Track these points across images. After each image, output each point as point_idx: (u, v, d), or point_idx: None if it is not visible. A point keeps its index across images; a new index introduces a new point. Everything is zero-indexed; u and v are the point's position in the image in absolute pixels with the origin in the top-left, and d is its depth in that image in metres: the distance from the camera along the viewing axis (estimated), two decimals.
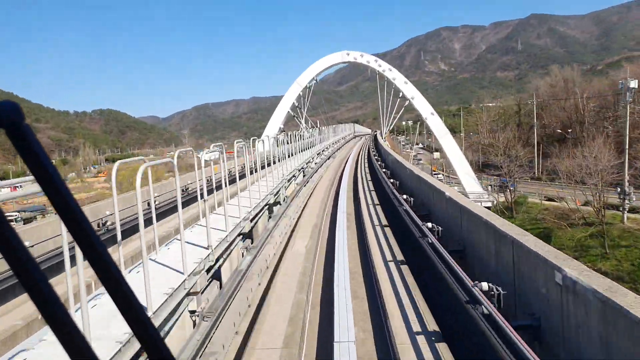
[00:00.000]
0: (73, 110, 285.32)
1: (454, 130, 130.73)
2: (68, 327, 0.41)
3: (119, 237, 4.51)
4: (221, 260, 6.29)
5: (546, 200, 44.24)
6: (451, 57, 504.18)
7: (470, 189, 47.95)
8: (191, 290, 4.72)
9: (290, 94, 62.87)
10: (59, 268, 8.07)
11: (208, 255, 5.49)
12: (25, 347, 3.48)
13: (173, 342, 4.47)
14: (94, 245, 0.44)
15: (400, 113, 66.45)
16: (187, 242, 5.47)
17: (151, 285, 3.90)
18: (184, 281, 4.65)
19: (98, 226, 12.48)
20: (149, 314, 3.83)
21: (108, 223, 12.22)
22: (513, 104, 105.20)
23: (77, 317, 3.21)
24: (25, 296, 8.19)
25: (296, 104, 63.02)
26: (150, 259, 5.14)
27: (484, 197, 45.71)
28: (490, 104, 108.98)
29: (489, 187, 52.01)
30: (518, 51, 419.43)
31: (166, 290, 4.34)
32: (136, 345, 3.43)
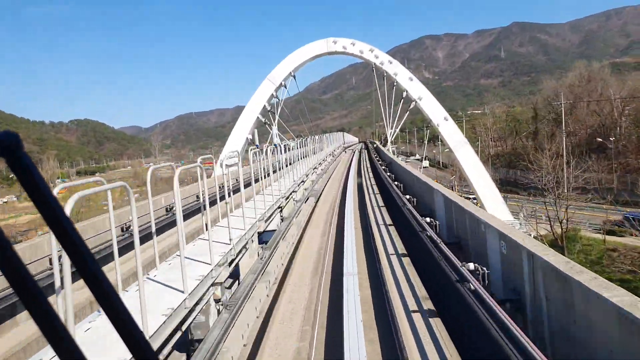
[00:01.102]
0: (49, 120, 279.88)
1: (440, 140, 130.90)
2: (69, 346, 0.42)
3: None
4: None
5: (599, 231, 34.23)
6: (435, 66, 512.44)
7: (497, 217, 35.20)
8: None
9: (259, 94, 47.47)
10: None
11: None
12: None
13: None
14: (92, 269, 0.46)
15: (404, 118, 52.33)
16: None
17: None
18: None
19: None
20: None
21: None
22: (518, 108, 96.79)
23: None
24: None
25: (268, 108, 47.80)
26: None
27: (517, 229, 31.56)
28: (496, 109, 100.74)
29: (522, 213, 39.80)
30: (501, 59, 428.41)
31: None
32: None
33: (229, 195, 7.91)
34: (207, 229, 6.15)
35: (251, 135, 44.09)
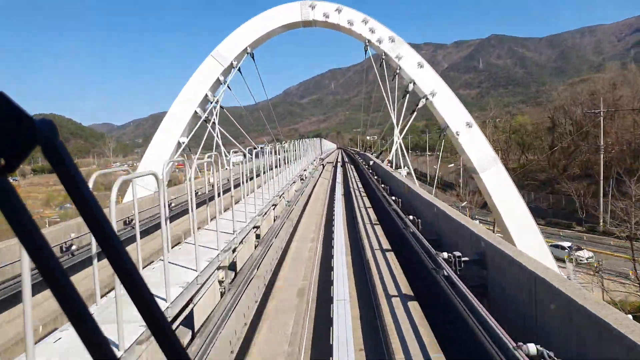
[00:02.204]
0: None
1: (419, 148, 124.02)
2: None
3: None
4: None
5: None
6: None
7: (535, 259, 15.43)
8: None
9: (199, 78, 30.68)
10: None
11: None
12: None
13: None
14: (119, 254, 0.50)
15: (409, 121, 34.76)
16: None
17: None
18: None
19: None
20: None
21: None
22: (520, 117, 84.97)
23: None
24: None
25: (212, 99, 31.08)
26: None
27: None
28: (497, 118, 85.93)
29: (571, 257, 32.24)
30: (479, 70, 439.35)
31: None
32: None
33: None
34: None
35: (185, 139, 29.83)
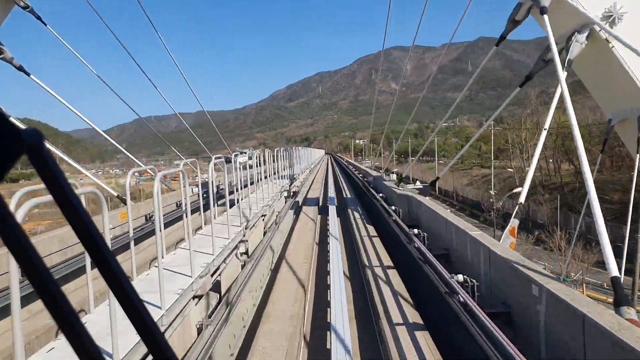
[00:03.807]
0: None
1: (423, 152, 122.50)
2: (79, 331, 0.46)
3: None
4: None
5: None
6: (402, 77, 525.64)
7: None
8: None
9: None
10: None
11: None
12: None
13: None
14: (106, 258, 0.50)
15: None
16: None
17: None
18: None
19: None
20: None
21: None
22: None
23: None
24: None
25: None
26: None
27: None
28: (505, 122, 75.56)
29: None
30: (468, 72, 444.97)
31: None
32: None
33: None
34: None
35: None
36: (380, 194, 17.81)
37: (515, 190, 35.05)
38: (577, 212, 37.67)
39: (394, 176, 27.07)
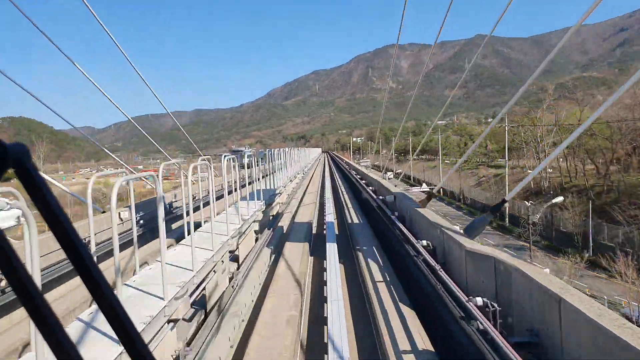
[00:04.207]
0: None
1: (423, 150, 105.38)
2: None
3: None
4: None
5: None
6: (399, 75, 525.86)
7: None
8: None
9: None
10: None
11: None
12: None
13: None
14: (92, 275, 0.52)
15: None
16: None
17: None
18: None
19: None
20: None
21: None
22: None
23: None
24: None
25: None
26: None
27: None
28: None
29: None
30: (465, 70, 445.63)
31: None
32: None
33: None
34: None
35: None
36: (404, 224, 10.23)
37: (555, 200, 31.74)
38: (611, 220, 34.91)
39: (389, 174, 23.81)
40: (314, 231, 14.03)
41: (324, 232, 11.76)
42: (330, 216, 13.49)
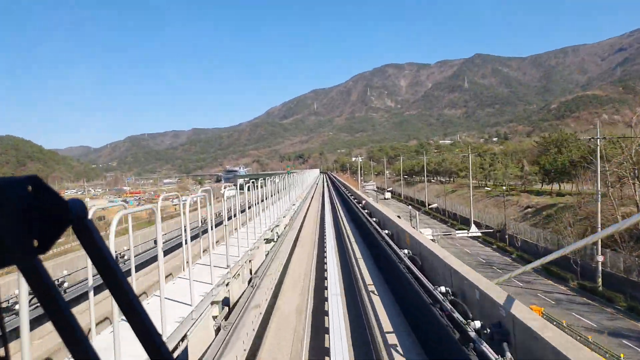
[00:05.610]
0: None
1: (436, 172, 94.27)
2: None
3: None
4: None
5: None
6: (397, 94, 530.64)
7: None
8: None
9: None
10: None
11: None
12: None
13: None
14: (142, 320, 0.54)
15: None
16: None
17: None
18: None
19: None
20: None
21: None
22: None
23: None
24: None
25: None
26: None
27: None
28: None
29: None
30: (464, 89, 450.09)
31: None
32: None
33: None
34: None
35: None
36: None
37: None
38: None
39: (389, 194, 20.36)
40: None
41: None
42: (335, 281, 9.57)
